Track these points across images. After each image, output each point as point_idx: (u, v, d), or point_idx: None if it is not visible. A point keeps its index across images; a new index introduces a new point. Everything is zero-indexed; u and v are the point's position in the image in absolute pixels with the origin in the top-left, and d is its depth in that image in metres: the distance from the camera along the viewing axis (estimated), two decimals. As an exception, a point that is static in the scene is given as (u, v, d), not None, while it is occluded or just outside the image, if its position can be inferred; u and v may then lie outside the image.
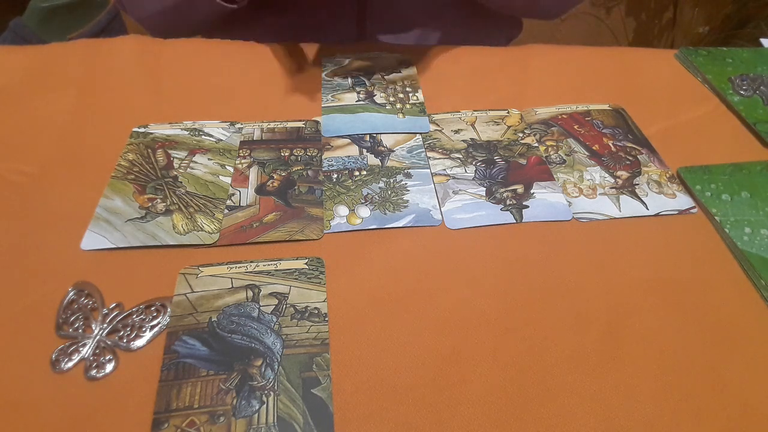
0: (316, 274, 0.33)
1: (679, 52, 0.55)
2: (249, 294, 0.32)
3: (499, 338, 0.31)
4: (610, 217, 0.38)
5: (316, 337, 0.30)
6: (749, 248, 0.36)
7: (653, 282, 0.34)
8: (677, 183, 0.41)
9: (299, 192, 0.39)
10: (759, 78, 0.51)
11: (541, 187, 0.40)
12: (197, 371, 0.29)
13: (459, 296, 0.33)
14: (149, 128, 0.43)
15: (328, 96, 0.47)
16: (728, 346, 0.31)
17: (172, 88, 0.48)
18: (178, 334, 0.30)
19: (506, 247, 0.36)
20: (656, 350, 0.31)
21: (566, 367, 0.30)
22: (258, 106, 0.46)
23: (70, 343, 0.30)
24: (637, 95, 0.50)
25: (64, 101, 0.46)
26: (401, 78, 0.50)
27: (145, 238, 0.35)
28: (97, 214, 0.36)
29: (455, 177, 0.40)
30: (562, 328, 0.32)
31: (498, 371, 0.30)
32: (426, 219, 0.37)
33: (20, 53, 0.51)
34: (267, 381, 0.28)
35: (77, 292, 0.32)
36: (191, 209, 0.37)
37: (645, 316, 0.32)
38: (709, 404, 0.29)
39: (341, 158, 0.42)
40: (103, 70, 0.49)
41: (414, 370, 0.29)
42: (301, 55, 0.52)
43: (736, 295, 0.34)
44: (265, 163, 0.41)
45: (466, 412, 0.28)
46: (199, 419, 0.27)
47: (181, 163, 0.40)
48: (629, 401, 0.29)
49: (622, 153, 0.43)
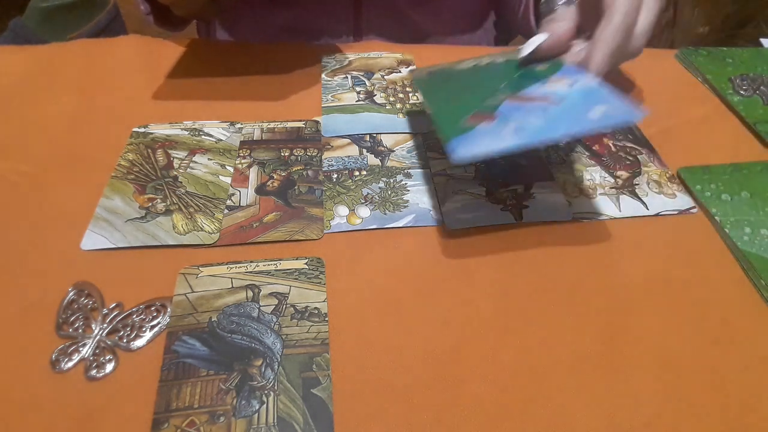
0: (316, 274, 0.33)
1: (679, 52, 0.55)
2: (249, 294, 0.32)
3: (499, 338, 0.31)
4: (610, 217, 0.38)
5: (316, 337, 0.30)
6: (749, 248, 0.36)
7: (653, 282, 0.34)
8: (677, 183, 0.41)
9: (299, 192, 0.39)
10: (759, 78, 0.51)
11: (541, 187, 0.40)
12: (197, 371, 0.29)
13: (459, 296, 0.33)
14: (149, 128, 0.43)
15: (328, 96, 0.47)
16: (728, 346, 0.31)
17: (172, 88, 0.48)
18: (178, 334, 0.30)
19: (506, 247, 0.36)
20: (656, 350, 0.31)
21: (566, 366, 0.30)
22: (258, 106, 0.46)
23: (70, 343, 0.30)
24: (637, 95, 0.50)
25: (64, 101, 0.46)
26: (401, 78, 0.50)
27: (145, 238, 0.35)
28: (97, 214, 0.36)
29: (455, 177, 0.40)
30: (562, 328, 0.32)
31: (498, 371, 0.30)
32: (426, 219, 0.37)
33: (20, 53, 0.51)
34: (267, 381, 0.28)
35: (77, 292, 0.32)
36: (191, 209, 0.37)
37: (645, 316, 0.32)
38: (709, 404, 0.29)
39: (341, 158, 0.42)
40: (103, 70, 0.49)
41: (414, 370, 0.29)
42: (301, 55, 0.52)
43: (736, 295, 0.34)
44: (265, 163, 0.41)
45: (466, 412, 0.28)
46: (199, 419, 0.27)
47: (181, 163, 0.40)
48: (629, 401, 0.29)
49: (622, 153, 0.43)
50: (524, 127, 0.32)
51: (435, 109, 0.38)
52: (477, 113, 0.34)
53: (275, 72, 0.50)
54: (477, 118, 0.33)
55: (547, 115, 0.33)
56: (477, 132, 0.32)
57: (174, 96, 0.47)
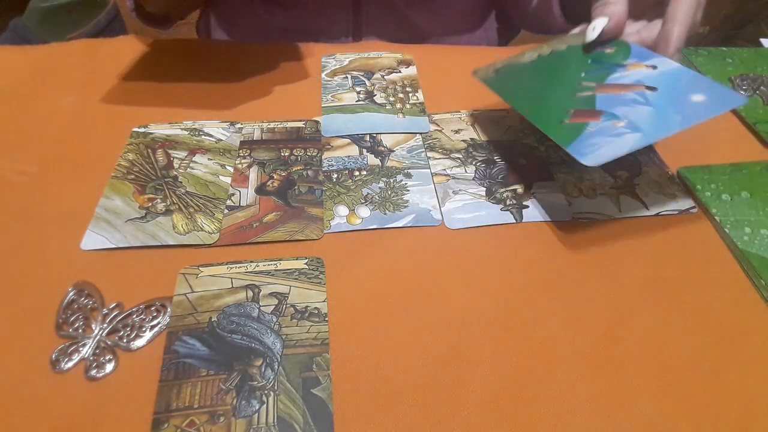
0: (316, 274, 0.33)
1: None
2: (249, 294, 0.32)
3: (499, 338, 0.31)
4: (610, 217, 0.38)
5: (316, 337, 0.30)
6: (749, 248, 0.36)
7: (653, 282, 0.34)
8: (677, 183, 0.41)
9: (299, 192, 0.39)
10: (759, 78, 0.51)
11: (541, 187, 0.40)
12: (197, 371, 0.29)
13: (459, 296, 0.33)
14: (149, 128, 0.43)
15: (328, 96, 0.47)
16: (728, 346, 0.31)
17: (172, 88, 0.48)
18: (178, 334, 0.30)
19: (506, 247, 0.36)
20: (656, 350, 0.31)
21: (566, 367, 0.30)
22: (258, 106, 0.46)
23: (70, 343, 0.30)
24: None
25: (64, 101, 0.46)
26: (401, 78, 0.50)
27: (145, 238, 0.35)
28: (97, 214, 0.36)
29: (455, 177, 0.40)
30: (562, 328, 0.32)
31: (498, 371, 0.30)
32: (426, 219, 0.37)
33: (20, 53, 0.51)
34: (267, 381, 0.28)
35: (77, 292, 0.32)
36: (191, 209, 0.37)
37: (645, 316, 0.32)
38: (709, 404, 0.29)
39: (341, 158, 0.42)
40: (103, 70, 0.49)
41: (414, 370, 0.29)
42: (301, 55, 0.52)
43: (736, 295, 0.34)
44: (265, 163, 0.41)
45: (466, 412, 0.28)
46: (199, 419, 0.27)
47: (181, 163, 0.40)
48: (629, 401, 0.29)
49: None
50: (637, 123, 0.32)
51: (525, 109, 0.38)
52: (577, 111, 0.34)
53: (275, 72, 0.50)
54: (580, 116, 0.33)
55: (653, 106, 0.33)
56: (590, 134, 0.32)
57: (174, 96, 0.47)
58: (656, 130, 0.33)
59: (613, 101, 0.35)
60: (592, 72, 0.38)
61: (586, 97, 0.36)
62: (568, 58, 0.41)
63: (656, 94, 0.34)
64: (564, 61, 0.41)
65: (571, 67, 0.40)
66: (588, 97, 0.36)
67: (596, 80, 0.37)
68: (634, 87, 0.35)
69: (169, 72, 0.49)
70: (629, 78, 0.36)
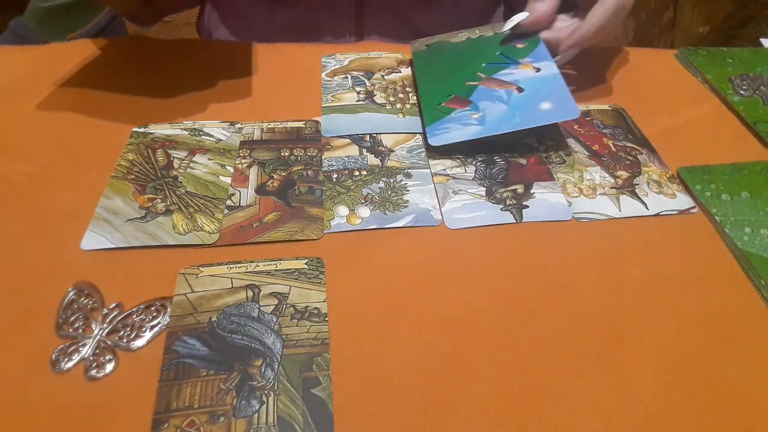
0: (316, 274, 0.33)
1: (679, 52, 0.55)
2: (249, 294, 0.32)
3: (499, 338, 0.31)
4: (610, 217, 0.38)
5: (316, 337, 0.30)
6: (749, 248, 0.36)
7: (653, 282, 0.34)
8: (677, 183, 0.41)
9: (299, 192, 0.39)
10: (759, 78, 0.51)
11: (541, 187, 0.40)
12: (197, 371, 0.29)
13: (459, 296, 0.33)
14: (149, 128, 0.43)
15: (328, 96, 0.47)
16: (728, 346, 0.31)
17: (172, 88, 0.48)
18: (178, 334, 0.30)
19: (506, 247, 0.36)
20: (656, 350, 0.31)
21: (566, 367, 0.30)
22: (258, 106, 0.46)
23: (70, 343, 0.30)
24: (637, 95, 0.50)
25: (64, 101, 0.46)
26: (401, 78, 0.50)
27: (145, 238, 0.35)
28: (97, 214, 0.36)
29: (455, 177, 0.40)
30: (562, 328, 0.32)
31: (498, 371, 0.30)
32: (426, 219, 0.37)
33: (20, 53, 0.51)
34: (267, 381, 0.28)
35: (77, 292, 0.32)
36: (191, 209, 0.37)
37: (645, 316, 0.32)
38: (709, 404, 0.29)
39: (341, 158, 0.42)
40: (103, 70, 0.49)
41: (414, 370, 0.29)
42: (301, 55, 0.52)
43: (736, 295, 0.34)
44: (265, 163, 0.41)
45: (466, 412, 0.28)
46: (199, 419, 0.27)
47: (181, 163, 0.40)
48: (629, 401, 0.29)
49: (622, 153, 0.43)
50: (486, 117, 0.36)
51: (423, 86, 0.41)
52: (455, 97, 0.37)
53: (275, 72, 0.50)
54: (454, 102, 0.36)
55: (508, 105, 0.37)
56: (450, 119, 0.37)
57: (174, 96, 0.47)
58: (495, 126, 0.37)
59: (485, 94, 0.38)
60: (492, 64, 0.41)
61: (470, 86, 0.39)
62: (484, 46, 0.43)
63: (520, 95, 0.37)
64: (480, 47, 0.43)
65: (481, 55, 0.42)
66: (471, 87, 0.39)
67: (488, 72, 0.40)
68: (509, 85, 0.38)
69: (169, 72, 0.49)
70: (513, 76, 0.39)
